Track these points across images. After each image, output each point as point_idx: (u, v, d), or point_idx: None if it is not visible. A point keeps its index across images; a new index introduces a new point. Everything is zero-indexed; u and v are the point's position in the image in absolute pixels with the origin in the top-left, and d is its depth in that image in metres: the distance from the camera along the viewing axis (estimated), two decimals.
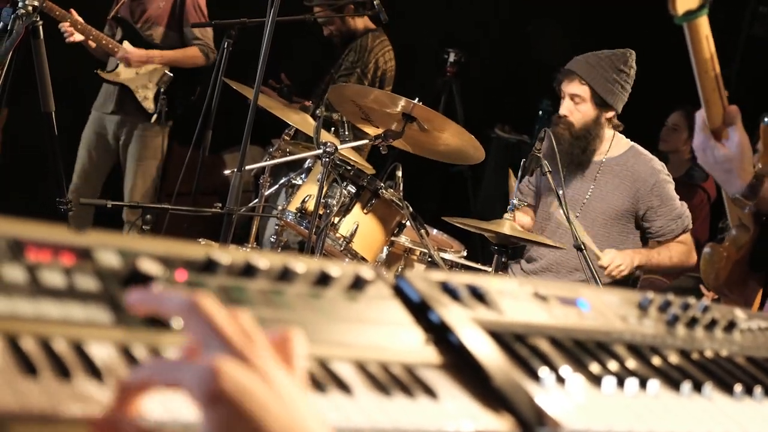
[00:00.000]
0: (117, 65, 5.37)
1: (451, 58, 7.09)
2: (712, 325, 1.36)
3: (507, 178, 4.59)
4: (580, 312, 1.27)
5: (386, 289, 1.14)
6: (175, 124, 5.49)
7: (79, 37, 5.10)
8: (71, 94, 4.80)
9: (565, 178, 3.98)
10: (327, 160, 3.62)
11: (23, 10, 3.76)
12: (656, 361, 1.23)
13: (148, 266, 0.96)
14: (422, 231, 3.75)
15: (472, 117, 6.57)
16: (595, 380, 1.13)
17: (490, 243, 3.89)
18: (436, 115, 3.88)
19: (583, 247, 3.69)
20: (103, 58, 5.43)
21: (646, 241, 4.23)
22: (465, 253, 4.28)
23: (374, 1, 4.78)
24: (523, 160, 3.86)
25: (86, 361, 0.85)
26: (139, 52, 5.29)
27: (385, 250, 3.94)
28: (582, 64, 4.10)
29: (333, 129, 4.62)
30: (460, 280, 1.21)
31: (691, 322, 1.34)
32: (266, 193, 4.10)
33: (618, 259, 3.98)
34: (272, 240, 4.14)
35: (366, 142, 4.07)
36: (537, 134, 3.95)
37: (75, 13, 5.08)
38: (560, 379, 1.10)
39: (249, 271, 1.04)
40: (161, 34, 5.41)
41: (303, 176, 3.99)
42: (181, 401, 0.82)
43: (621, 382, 1.14)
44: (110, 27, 5.45)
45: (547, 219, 4.24)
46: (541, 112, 7.17)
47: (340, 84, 4.98)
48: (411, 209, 3.77)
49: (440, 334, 1.10)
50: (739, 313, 1.43)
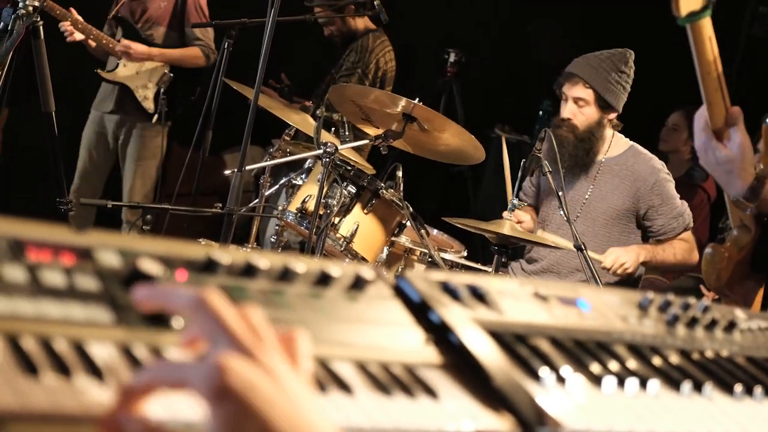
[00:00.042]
0: (117, 65, 5.36)
1: (452, 58, 7.09)
2: (712, 325, 1.36)
3: (504, 178, 4.59)
4: (581, 312, 1.27)
5: (386, 289, 1.14)
6: (175, 124, 5.47)
7: (79, 37, 5.10)
8: (71, 94, 4.79)
9: (564, 178, 3.97)
10: (327, 160, 3.62)
11: (24, 11, 3.76)
12: (656, 361, 1.23)
13: (149, 266, 0.96)
14: (422, 231, 3.75)
15: (473, 117, 6.56)
16: (596, 380, 1.13)
17: (490, 243, 3.89)
18: (437, 116, 3.88)
19: (583, 246, 3.68)
20: (103, 57, 5.42)
21: (647, 241, 4.22)
22: (465, 254, 4.28)
23: (375, 2, 4.78)
24: (523, 161, 3.85)
25: (87, 360, 0.85)
26: (141, 47, 5.26)
27: (386, 251, 3.94)
28: (585, 67, 4.07)
29: (333, 129, 4.62)
30: (460, 280, 1.21)
31: (692, 322, 1.34)
32: (266, 194, 4.10)
33: (622, 258, 3.97)
34: (272, 240, 4.13)
35: (366, 142, 4.06)
36: (537, 134, 3.95)
37: (75, 13, 5.08)
38: (561, 379, 1.10)
39: (249, 271, 1.04)
40: (162, 34, 5.40)
41: (303, 176, 3.99)
42: (183, 400, 0.82)
43: (621, 382, 1.14)
44: (110, 26, 5.44)
45: (549, 219, 4.24)
46: (541, 113, 7.16)
47: (341, 84, 4.98)
48: (411, 209, 3.77)
49: (440, 334, 1.10)
50: (739, 314, 1.43)
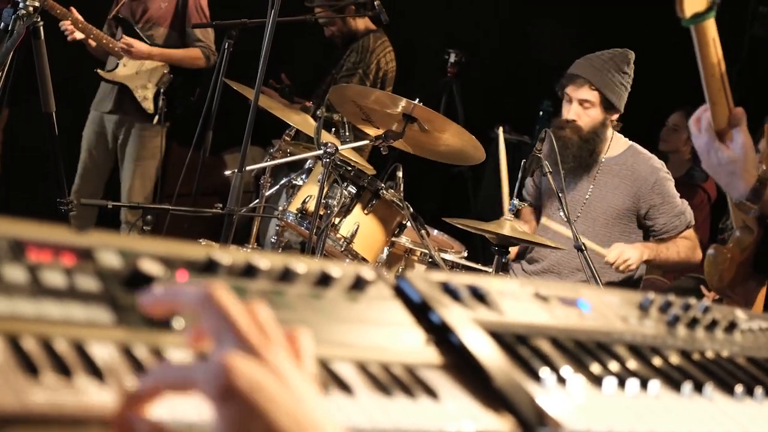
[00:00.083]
0: (116, 65, 5.36)
1: (452, 58, 7.09)
2: (712, 325, 1.36)
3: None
4: (581, 312, 1.27)
5: (387, 290, 1.14)
6: (176, 124, 5.47)
7: (79, 36, 5.10)
8: (71, 95, 4.79)
9: (565, 179, 3.97)
10: (327, 160, 3.62)
11: (24, 11, 3.76)
12: (657, 362, 1.23)
13: (149, 267, 0.96)
14: (423, 231, 3.75)
15: (473, 117, 6.56)
16: (596, 381, 1.13)
17: (490, 244, 3.89)
18: (437, 116, 3.88)
19: (583, 247, 3.68)
20: (102, 57, 5.42)
21: (649, 240, 4.22)
22: (466, 254, 4.28)
23: (375, 2, 4.78)
24: (523, 161, 3.86)
25: (87, 361, 0.85)
26: (142, 46, 5.26)
27: (386, 251, 3.94)
28: (590, 69, 4.07)
29: (333, 129, 4.62)
30: (460, 280, 1.21)
31: (692, 323, 1.34)
32: (267, 194, 4.10)
33: (626, 253, 3.96)
34: (273, 240, 4.13)
35: (366, 142, 4.06)
36: (537, 135, 3.95)
37: (75, 12, 5.08)
38: (561, 380, 1.10)
39: (250, 272, 1.04)
40: (162, 35, 5.40)
41: (303, 177, 3.99)
42: (185, 401, 0.82)
43: (622, 383, 1.13)
44: (110, 26, 5.44)
45: (550, 219, 4.24)
46: (541, 113, 7.16)
47: (341, 85, 4.98)
48: (411, 210, 3.77)
49: (441, 335, 1.10)
50: (740, 314, 1.43)
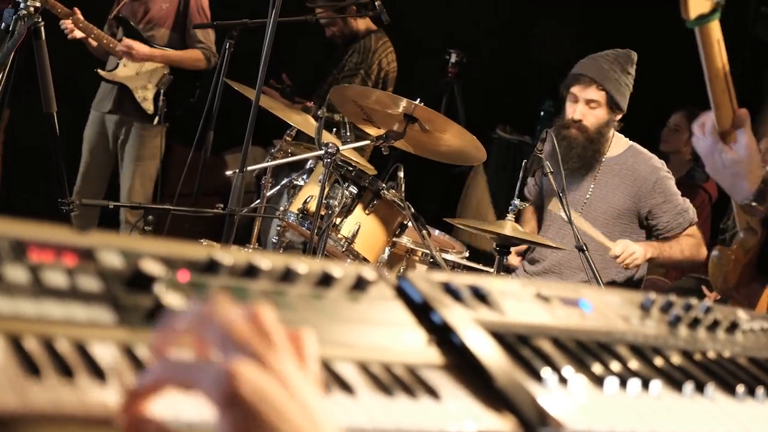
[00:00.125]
0: (117, 65, 5.35)
1: (453, 58, 7.09)
2: (714, 325, 1.35)
3: (508, 178, 4.59)
4: (583, 313, 1.27)
5: (388, 290, 1.14)
6: (177, 124, 5.47)
7: (79, 34, 5.09)
8: (71, 95, 4.79)
9: (567, 178, 3.98)
10: (329, 160, 3.62)
11: (25, 11, 3.76)
12: (658, 362, 1.23)
13: (151, 267, 0.96)
14: (424, 232, 3.75)
15: (474, 117, 6.56)
16: (598, 381, 1.13)
17: (491, 244, 3.89)
18: (438, 116, 3.88)
19: (585, 248, 3.68)
20: (103, 57, 5.42)
21: (652, 240, 4.22)
22: (467, 254, 4.28)
23: (376, 2, 4.78)
24: (524, 161, 3.86)
25: (89, 361, 0.85)
26: (143, 48, 5.26)
27: (387, 251, 3.94)
28: (597, 69, 4.08)
29: (334, 130, 4.62)
30: (462, 280, 1.21)
31: (694, 323, 1.34)
32: (268, 194, 4.10)
33: (631, 247, 3.98)
34: (274, 241, 4.13)
35: (368, 142, 4.06)
36: (539, 135, 3.95)
37: (78, 12, 5.07)
38: (562, 380, 1.10)
39: (251, 272, 1.04)
40: (163, 35, 5.40)
41: (305, 177, 3.99)
42: (188, 401, 0.82)
43: (623, 383, 1.13)
44: (110, 26, 5.44)
45: (551, 219, 4.24)
46: (542, 113, 7.16)
47: (342, 85, 4.98)
48: (413, 210, 3.77)
49: (442, 335, 1.10)
50: (742, 314, 1.43)
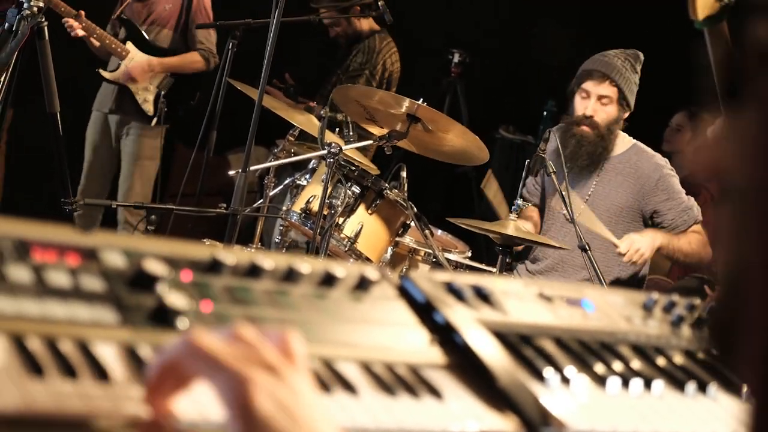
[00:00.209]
0: (118, 65, 5.35)
1: (456, 58, 7.09)
2: None
3: (511, 178, 4.59)
4: (585, 313, 1.27)
5: (391, 290, 1.14)
6: (180, 124, 5.46)
7: (81, 33, 5.09)
8: (74, 95, 4.80)
9: (570, 176, 3.97)
10: (331, 160, 3.62)
11: (28, 11, 3.76)
12: (661, 362, 1.23)
13: (154, 267, 0.96)
14: (427, 231, 3.75)
15: (477, 117, 6.56)
16: (600, 381, 1.13)
17: (494, 244, 3.89)
18: (441, 116, 3.88)
19: (588, 247, 3.68)
20: (105, 57, 5.41)
21: None
22: (469, 254, 4.28)
23: (379, 3, 4.78)
24: (527, 161, 3.86)
25: (92, 361, 0.85)
26: (141, 66, 5.25)
27: (390, 251, 3.94)
28: (610, 65, 4.10)
29: (337, 129, 4.62)
30: (464, 280, 1.21)
31: (696, 323, 1.34)
32: (271, 194, 4.10)
33: (637, 243, 3.95)
34: (277, 240, 4.13)
35: (370, 142, 4.06)
36: (541, 135, 3.95)
37: (83, 14, 5.07)
38: (565, 380, 1.10)
39: (254, 272, 1.04)
40: (166, 36, 5.39)
41: (307, 177, 3.99)
42: (214, 404, 0.82)
43: (626, 383, 1.14)
44: (113, 26, 5.43)
45: (553, 218, 4.24)
46: (545, 113, 7.16)
47: (346, 85, 4.98)
48: (415, 210, 3.77)
49: (445, 335, 1.10)
50: None
